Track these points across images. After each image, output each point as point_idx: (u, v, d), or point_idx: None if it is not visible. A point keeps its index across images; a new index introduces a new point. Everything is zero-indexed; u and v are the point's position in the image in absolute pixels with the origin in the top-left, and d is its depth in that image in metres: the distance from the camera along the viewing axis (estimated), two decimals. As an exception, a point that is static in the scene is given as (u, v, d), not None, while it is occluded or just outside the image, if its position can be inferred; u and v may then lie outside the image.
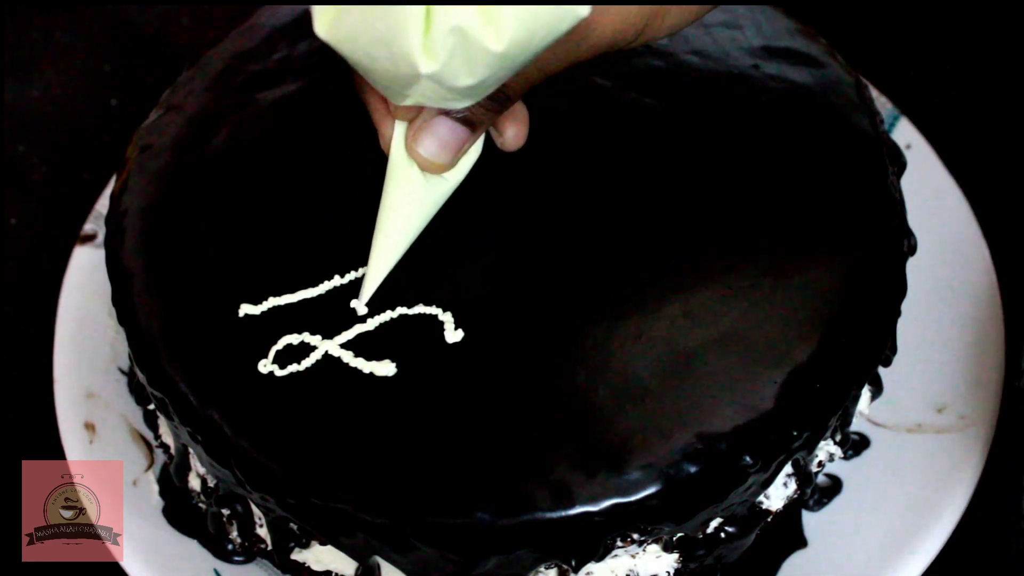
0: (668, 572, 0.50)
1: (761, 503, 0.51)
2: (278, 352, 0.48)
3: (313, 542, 0.50)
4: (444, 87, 0.41)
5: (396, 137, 0.47)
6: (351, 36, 0.40)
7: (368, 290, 0.49)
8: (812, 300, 0.49)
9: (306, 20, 0.58)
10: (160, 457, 0.57)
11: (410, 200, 0.48)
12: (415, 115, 0.46)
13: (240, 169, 0.54)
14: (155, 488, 0.56)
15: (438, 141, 0.46)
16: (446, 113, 0.46)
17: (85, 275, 0.62)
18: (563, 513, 0.45)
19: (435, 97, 0.42)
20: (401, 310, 0.49)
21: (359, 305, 0.49)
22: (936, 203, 0.61)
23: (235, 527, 0.52)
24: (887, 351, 0.52)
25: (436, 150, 0.46)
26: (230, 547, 0.54)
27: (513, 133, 0.49)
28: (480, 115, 0.46)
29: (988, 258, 0.60)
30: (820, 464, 0.53)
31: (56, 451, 0.57)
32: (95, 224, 0.63)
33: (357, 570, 0.49)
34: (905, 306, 0.51)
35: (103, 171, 0.68)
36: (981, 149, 0.69)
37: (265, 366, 0.48)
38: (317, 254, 0.51)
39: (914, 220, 0.53)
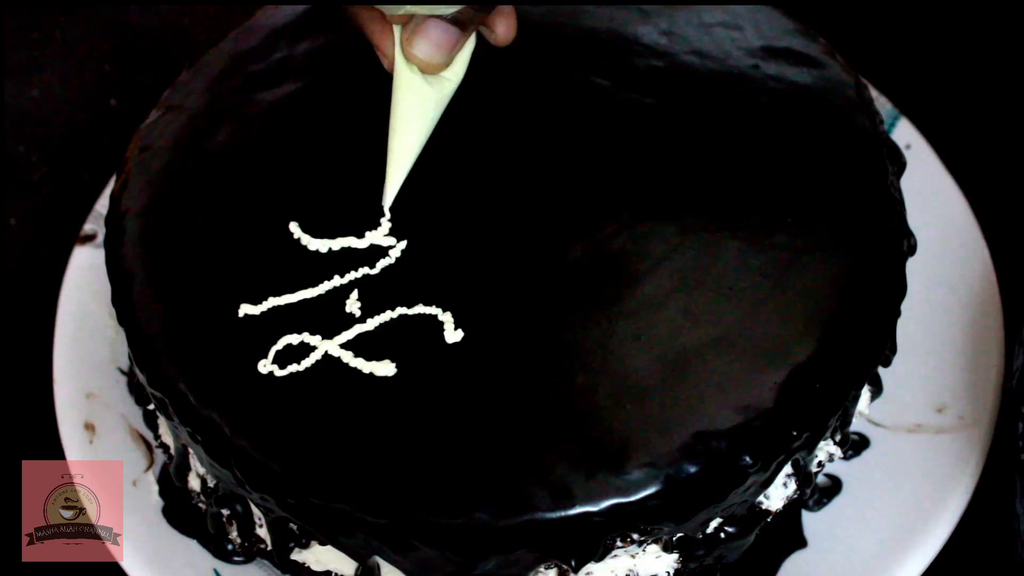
0: (668, 572, 0.50)
1: (761, 503, 0.51)
2: (278, 352, 0.48)
3: (313, 542, 0.50)
4: None
5: (397, 46, 0.51)
6: None
7: (391, 190, 0.52)
8: (812, 300, 0.49)
9: (306, 20, 0.59)
10: (160, 457, 0.57)
11: (418, 102, 0.51)
12: (408, 21, 0.50)
13: (240, 169, 0.54)
14: (155, 488, 0.56)
15: (431, 42, 0.50)
16: (438, 16, 0.49)
17: (85, 275, 0.62)
18: (563, 513, 0.45)
19: (425, 4, 0.47)
20: (401, 310, 0.49)
21: (385, 204, 0.51)
22: (936, 203, 0.61)
23: (235, 527, 0.53)
24: (887, 351, 0.52)
25: (431, 51, 0.50)
26: (230, 547, 0.54)
27: (504, 29, 0.52)
28: (468, 15, 0.50)
29: (988, 258, 0.60)
30: (820, 464, 0.53)
31: (56, 451, 0.57)
32: (95, 224, 0.63)
33: (357, 570, 0.49)
34: (905, 306, 0.51)
35: (103, 171, 0.68)
36: (981, 149, 0.69)
37: (265, 366, 0.48)
38: (317, 254, 0.51)
39: (914, 220, 0.53)
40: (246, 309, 0.49)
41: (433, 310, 0.49)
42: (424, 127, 0.52)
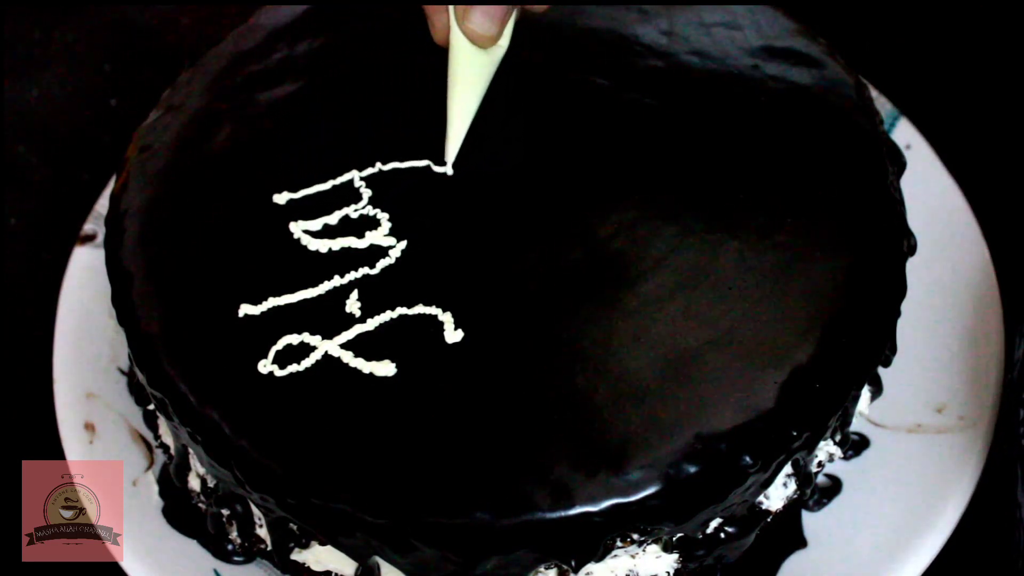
0: (668, 572, 0.50)
1: (761, 503, 0.51)
2: (278, 352, 0.48)
3: (313, 542, 0.50)
4: None
5: (452, 20, 0.52)
6: None
7: (452, 150, 0.53)
8: (812, 300, 0.49)
9: (306, 20, 0.59)
10: (160, 457, 0.57)
11: (473, 68, 0.53)
12: None
13: (240, 169, 0.54)
14: (155, 488, 0.56)
15: (486, 14, 0.51)
16: None
17: (85, 275, 0.62)
18: (563, 513, 0.45)
19: None
20: (401, 310, 0.49)
21: (448, 160, 0.53)
22: (936, 203, 0.61)
23: (235, 527, 0.53)
24: (887, 351, 0.52)
25: (484, 22, 0.51)
26: (230, 547, 0.54)
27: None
28: None
29: (987, 258, 0.60)
30: (820, 464, 0.53)
31: (56, 451, 0.57)
32: (95, 224, 0.63)
33: (357, 570, 0.49)
34: (905, 306, 0.51)
35: (103, 171, 0.68)
36: (981, 149, 0.69)
37: (265, 366, 0.48)
38: (317, 254, 0.51)
39: (914, 220, 0.54)
40: (246, 309, 0.49)
41: (433, 310, 0.49)
42: (480, 89, 0.53)
